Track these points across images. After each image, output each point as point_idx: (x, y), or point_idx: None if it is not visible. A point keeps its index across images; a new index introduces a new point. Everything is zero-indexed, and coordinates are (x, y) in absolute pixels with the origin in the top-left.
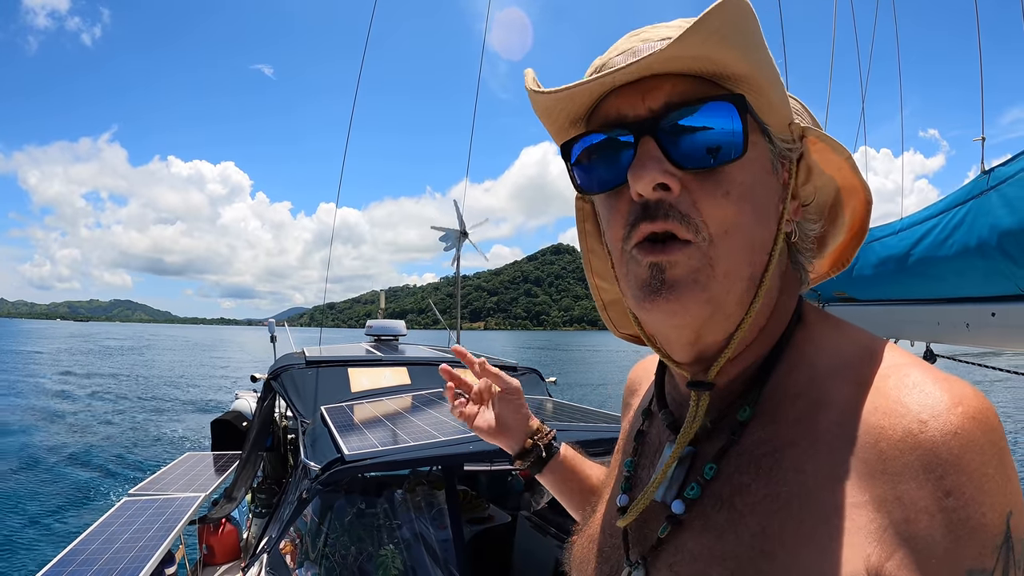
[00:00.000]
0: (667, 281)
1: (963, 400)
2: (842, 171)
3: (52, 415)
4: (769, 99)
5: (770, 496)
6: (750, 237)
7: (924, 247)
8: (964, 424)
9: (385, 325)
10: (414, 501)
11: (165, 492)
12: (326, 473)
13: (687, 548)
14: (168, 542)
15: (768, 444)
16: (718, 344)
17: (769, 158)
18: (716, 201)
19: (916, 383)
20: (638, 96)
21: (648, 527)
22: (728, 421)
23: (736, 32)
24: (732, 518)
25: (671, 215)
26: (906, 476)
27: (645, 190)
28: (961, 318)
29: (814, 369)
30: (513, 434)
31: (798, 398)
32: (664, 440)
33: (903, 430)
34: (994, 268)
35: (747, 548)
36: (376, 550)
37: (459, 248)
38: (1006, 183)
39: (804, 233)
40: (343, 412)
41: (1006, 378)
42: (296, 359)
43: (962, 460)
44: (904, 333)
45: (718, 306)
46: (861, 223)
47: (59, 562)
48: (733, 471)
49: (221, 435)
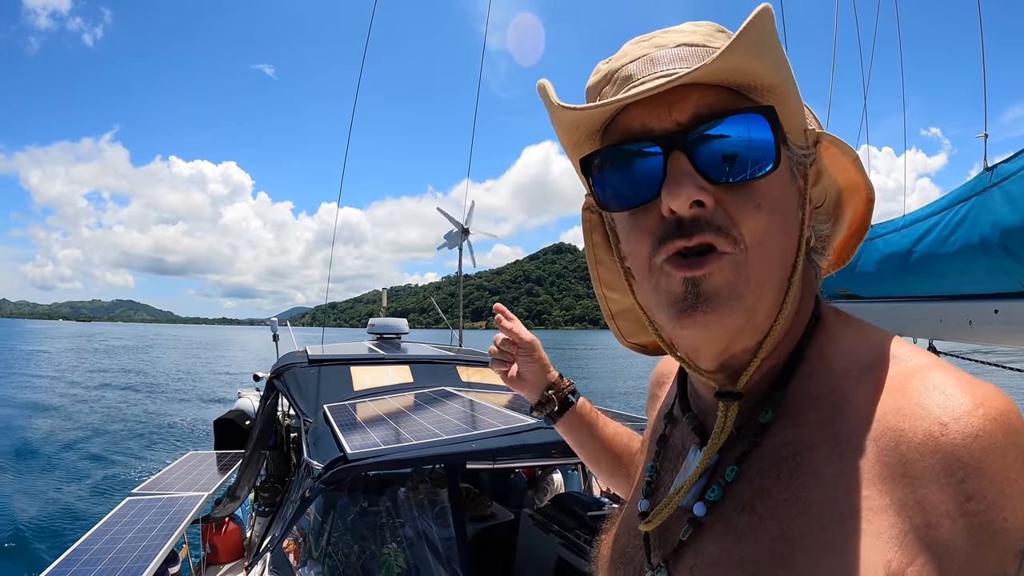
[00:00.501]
0: (703, 295)
1: (985, 402)
2: (847, 172)
3: (57, 414)
4: (789, 108)
5: (790, 500)
6: (781, 246)
7: (927, 244)
8: (986, 426)
9: (387, 323)
10: (417, 499)
11: (168, 491)
12: (329, 472)
13: (707, 552)
14: (171, 541)
15: (789, 447)
16: (746, 352)
17: (789, 166)
18: (750, 214)
19: (937, 385)
20: (663, 108)
21: (670, 530)
22: (751, 424)
23: (769, 43)
24: (752, 522)
25: (707, 229)
26: (927, 480)
27: (681, 208)
28: (964, 315)
29: (835, 371)
30: (531, 385)
31: (819, 400)
32: (688, 444)
33: (924, 433)
34: (997, 265)
35: (767, 553)
36: (379, 548)
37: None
38: (1009, 180)
39: (817, 234)
40: (346, 411)
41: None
42: (299, 358)
43: (983, 463)
44: (907, 330)
45: (752, 316)
46: (862, 220)
47: (63, 562)
48: (754, 474)
49: (224, 434)
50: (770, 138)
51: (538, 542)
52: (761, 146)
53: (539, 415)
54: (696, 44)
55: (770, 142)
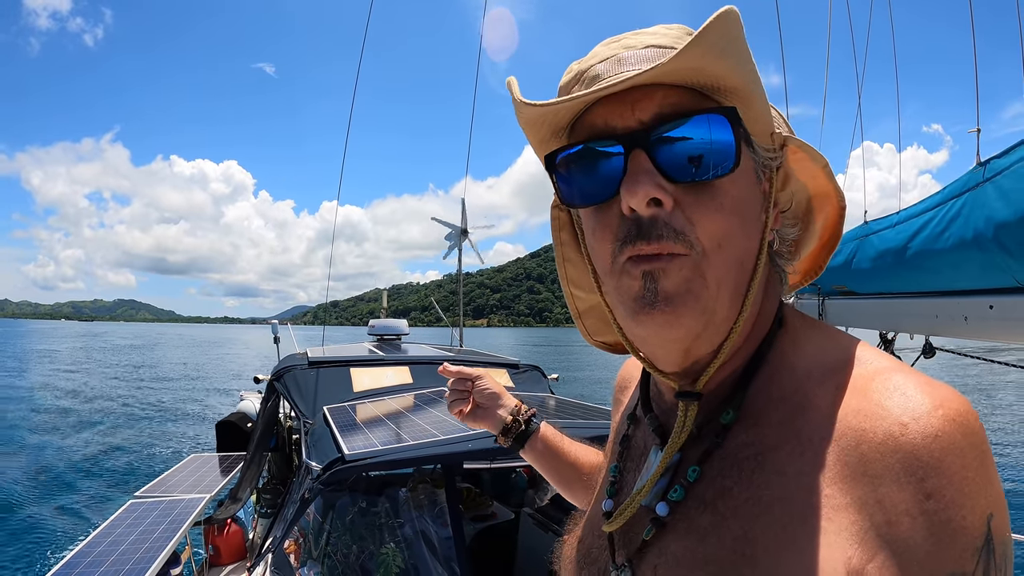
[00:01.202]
0: (661, 293)
1: (944, 403)
2: (817, 179)
3: (61, 415)
4: (755, 110)
5: (752, 499)
6: (740, 248)
7: (921, 240)
8: (945, 427)
9: (387, 325)
10: (415, 499)
11: (171, 494)
12: (327, 473)
13: (671, 551)
14: (174, 543)
15: (751, 447)
16: (706, 355)
17: (753, 168)
18: (710, 215)
19: (898, 386)
20: (627, 107)
21: (633, 529)
22: (712, 425)
23: (731, 45)
24: (715, 521)
25: (665, 235)
26: (887, 479)
27: (639, 205)
28: (959, 311)
29: (796, 372)
30: (490, 415)
31: (781, 402)
32: (649, 445)
33: (884, 433)
34: (991, 261)
35: (729, 552)
36: (377, 549)
37: (460, 246)
38: (1002, 175)
39: (783, 238)
40: (345, 412)
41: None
42: (299, 360)
43: (943, 463)
44: (902, 326)
45: (710, 316)
46: (833, 229)
47: (66, 564)
48: (716, 474)
49: (226, 436)
50: (731, 139)
51: (538, 541)
52: (722, 147)
53: (503, 443)
54: (664, 46)
55: (731, 143)
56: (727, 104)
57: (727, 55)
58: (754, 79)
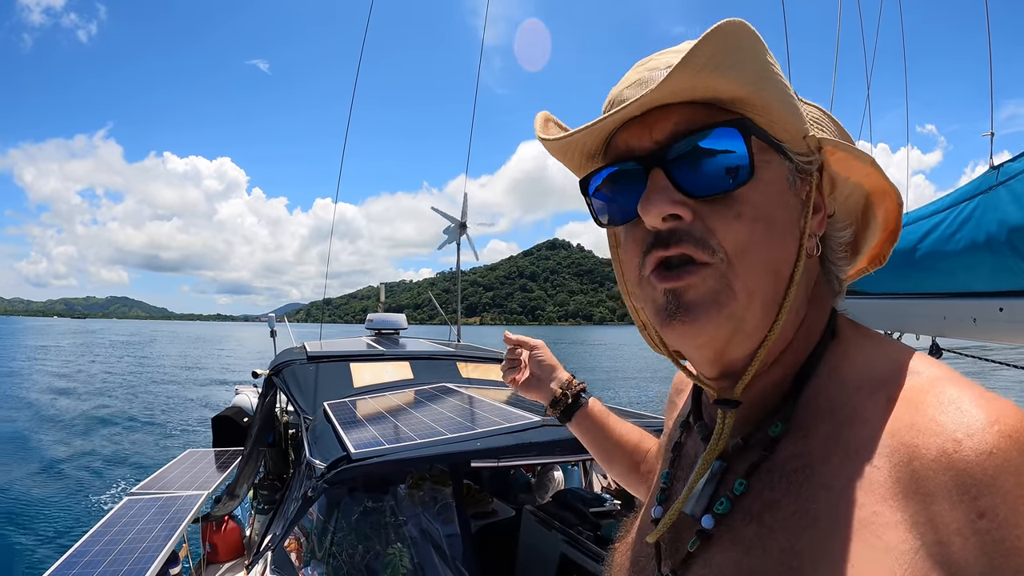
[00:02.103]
0: (682, 304)
1: (1000, 418)
2: (871, 176)
3: (56, 412)
4: (778, 116)
5: (799, 512)
6: (769, 255)
7: (931, 241)
8: (1000, 443)
9: (386, 319)
10: (420, 498)
11: (167, 491)
12: (332, 472)
13: (715, 562)
14: (172, 542)
15: (800, 459)
16: (742, 361)
17: (785, 175)
18: (729, 224)
19: (952, 399)
20: (645, 129)
21: (680, 541)
22: (760, 436)
23: (730, 58)
24: (761, 533)
25: (685, 240)
26: (940, 497)
27: (655, 221)
28: (968, 313)
29: (847, 384)
30: (543, 386)
31: (831, 413)
32: (699, 453)
33: (938, 449)
34: (1002, 263)
35: (775, 564)
36: (383, 548)
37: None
38: (1015, 179)
39: (834, 242)
40: (346, 408)
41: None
42: (297, 354)
43: (997, 481)
44: (910, 327)
45: (739, 324)
46: (895, 223)
47: (63, 564)
48: (764, 487)
49: (222, 431)
50: (743, 149)
51: (540, 539)
52: (734, 158)
53: (552, 414)
54: None
55: (743, 154)
56: (745, 114)
57: (724, 70)
58: (769, 85)
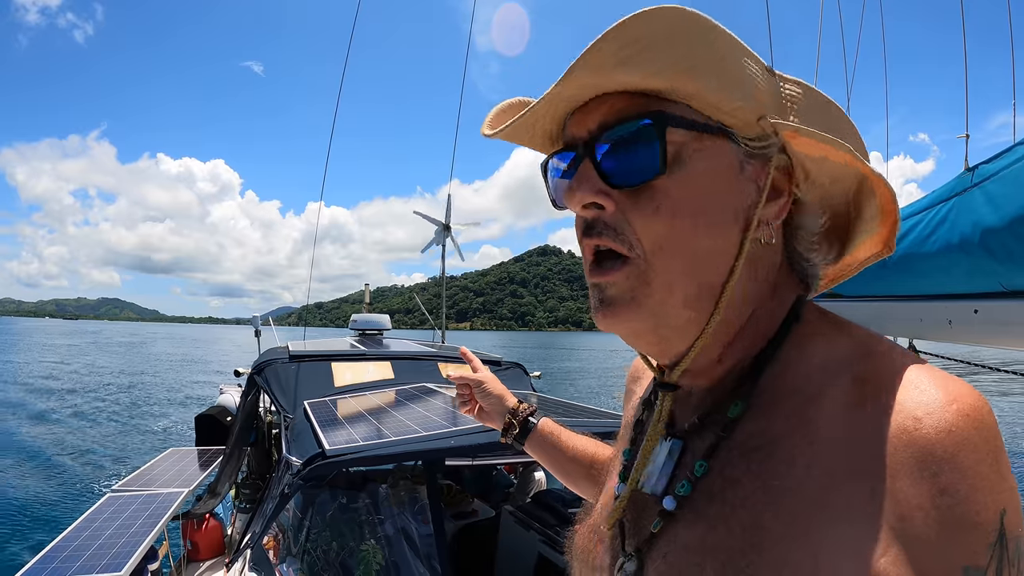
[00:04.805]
0: (604, 298)
1: (958, 398)
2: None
3: (41, 411)
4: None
5: (761, 489)
6: (692, 249)
7: (908, 243)
8: (958, 421)
9: (369, 319)
10: (396, 496)
11: (149, 487)
12: (307, 468)
13: (680, 539)
14: (151, 538)
15: (760, 437)
16: (682, 350)
17: (732, 161)
18: (646, 217)
19: (912, 380)
20: (584, 116)
21: (643, 520)
22: (717, 416)
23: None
24: (724, 511)
25: (605, 233)
26: (900, 473)
27: (576, 209)
28: (944, 315)
29: (811, 365)
30: (494, 416)
31: (794, 393)
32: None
33: (897, 427)
34: (977, 265)
35: (738, 540)
36: (357, 545)
37: (444, 242)
38: (989, 180)
39: (804, 230)
40: (326, 407)
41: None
42: (280, 354)
43: (956, 457)
44: (888, 330)
45: (660, 319)
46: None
47: (43, 558)
48: (724, 465)
49: (205, 430)
50: (655, 142)
51: (518, 539)
52: (648, 151)
53: (506, 440)
54: None
55: (655, 146)
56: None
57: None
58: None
